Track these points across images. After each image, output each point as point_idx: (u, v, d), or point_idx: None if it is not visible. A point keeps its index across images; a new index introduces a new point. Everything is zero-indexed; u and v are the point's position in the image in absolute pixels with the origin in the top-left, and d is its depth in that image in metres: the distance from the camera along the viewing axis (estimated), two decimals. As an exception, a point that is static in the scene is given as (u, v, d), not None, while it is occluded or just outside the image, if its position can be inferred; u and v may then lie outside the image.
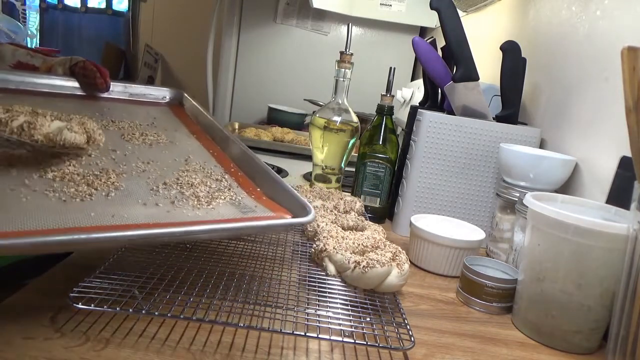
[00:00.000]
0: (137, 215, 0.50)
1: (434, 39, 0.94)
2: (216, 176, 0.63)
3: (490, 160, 0.82)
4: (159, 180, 0.58)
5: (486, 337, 0.54)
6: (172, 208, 0.53)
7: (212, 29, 1.95)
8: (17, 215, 0.45)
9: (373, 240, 0.61)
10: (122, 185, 0.55)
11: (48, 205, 0.48)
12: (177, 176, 0.60)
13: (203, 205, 0.54)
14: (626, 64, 0.41)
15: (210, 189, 0.58)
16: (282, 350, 0.45)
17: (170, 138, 0.72)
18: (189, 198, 0.55)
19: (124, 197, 0.53)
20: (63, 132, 0.52)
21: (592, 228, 0.50)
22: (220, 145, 0.73)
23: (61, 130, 0.52)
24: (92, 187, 0.53)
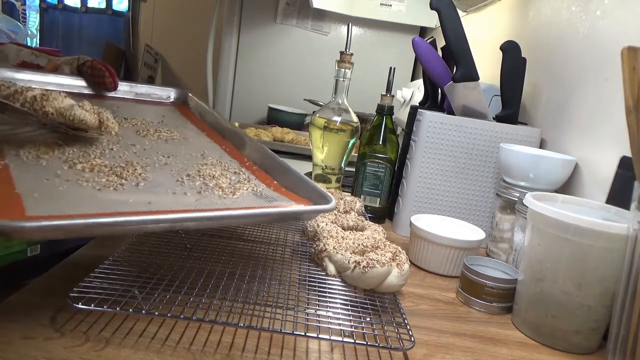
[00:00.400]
0: (170, 203, 0.51)
1: (434, 39, 0.94)
2: (234, 169, 0.64)
3: (490, 160, 0.82)
4: (182, 172, 0.60)
5: (486, 337, 0.54)
6: (200, 197, 0.54)
7: (212, 29, 1.95)
8: (60, 201, 0.46)
9: (373, 240, 0.61)
10: (149, 177, 0.57)
11: (85, 194, 0.49)
12: (198, 169, 0.62)
13: (228, 195, 0.56)
14: (626, 64, 0.41)
15: (231, 181, 0.60)
16: (282, 350, 0.45)
17: (183, 135, 0.73)
18: (213, 189, 0.57)
19: (153, 187, 0.55)
20: (74, 108, 0.53)
21: (592, 228, 0.50)
22: (232, 141, 0.75)
23: (72, 107, 0.53)
24: (121, 178, 0.54)
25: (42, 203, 0.45)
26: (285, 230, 0.75)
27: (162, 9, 3.16)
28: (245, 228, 0.74)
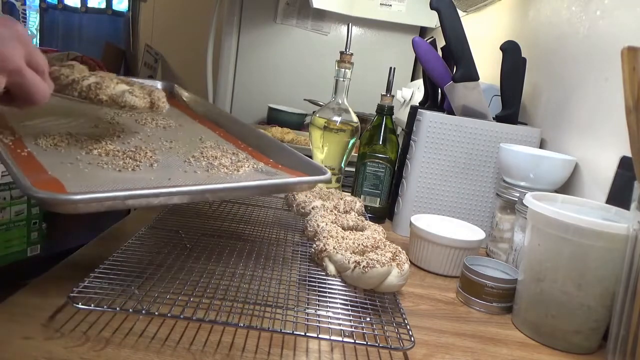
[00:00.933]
0: (186, 179, 0.57)
1: (434, 39, 0.94)
2: (232, 151, 0.68)
3: (490, 160, 0.82)
4: (187, 154, 0.64)
5: (486, 337, 0.54)
6: (209, 174, 0.59)
7: (212, 29, 1.95)
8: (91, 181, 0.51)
9: (373, 240, 0.61)
10: (160, 159, 0.61)
11: (109, 174, 0.54)
12: (200, 151, 0.66)
13: (233, 172, 0.60)
14: (626, 64, 0.41)
15: (232, 160, 0.64)
16: (282, 350, 0.45)
17: (178, 122, 0.78)
18: (218, 167, 0.61)
19: (166, 167, 0.59)
20: (125, 95, 0.56)
21: (592, 228, 0.50)
22: (225, 127, 0.79)
23: (124, 93, 0.56)
24: (135, 160, 0.58)
25: (77, 183, 0.49)
26: (285, 230, 0.75)
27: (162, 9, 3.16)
28: (245, 228, 0.74)
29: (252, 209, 0.84)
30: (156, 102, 0.59)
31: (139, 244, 0.61)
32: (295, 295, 0.54)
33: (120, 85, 0.57)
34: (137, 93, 0.57)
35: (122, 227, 0.71)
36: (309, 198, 0.82)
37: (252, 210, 0.83)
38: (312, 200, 0.80)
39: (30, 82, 0.45)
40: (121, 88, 0.57)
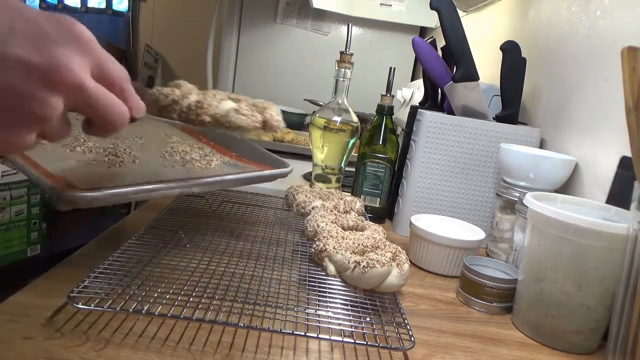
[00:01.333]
0: (169, 174, 0.58)
1: (434, 39, 0.94)
2: (197, 145, 0.69)
3: (490, 160, 0.82)
4: (160, 149, 0.65)
5: (486, 337, 0.54)
6: (186, 169, 0.60)
7: (212, 29, 1.95)
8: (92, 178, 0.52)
9: (373, 240, 0.61)
10: (138, 154, 0.61)
11: (102, 171, 0.55)
12: (171, 146, 0.67)
13: (206, 166, 0.62)
14: (626, 64, 0.41)
15: (201, 155, 0.66)
16: (282, 350, 0.45)
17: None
18: (191, 161, 0.62)
19: (147, 163, 0.60)
20: (229, 115, 0.49)
21: (592, 228, 0.50)
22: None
23: (228, 112, 0.50)
24: (117, 157, 0.59)
25: (83, 180, 0.50)
26: (285, 230, 0.75)
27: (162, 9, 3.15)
28: (245, 228, 0.74)
29: (252, 209, 0.85)
30: (269, 120, 0.51)
31: (139, 244, 0.61)
32: (295, 295, 0.54)
33: (224, 103, 0.50)
34: (245, 111, 0.50)
35: (122, 227, 0.71)
36: (309, 198, 0.82)
37: (252, 210, 0.83)
38: (312, 200, 0.80)
39: (99, 102, 0.32)
40: (225, 106, 0.50)
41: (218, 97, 0.50)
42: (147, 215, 0.75)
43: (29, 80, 0.29)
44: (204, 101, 0.49)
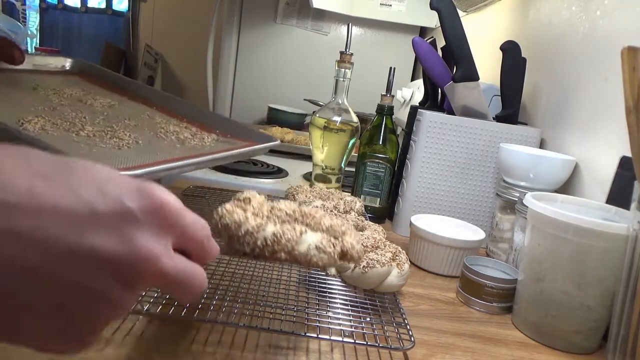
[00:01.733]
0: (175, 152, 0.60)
1: (434, 39, 0.94)
2: (183, 125, 0.71)
3: (490, 160, 0.82)
4: (153, 130, 0.67)
5: (486, 337, 0.54)
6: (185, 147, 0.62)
7: (212, 29, 1.95)
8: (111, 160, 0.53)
9: (373, 240, 0.61)
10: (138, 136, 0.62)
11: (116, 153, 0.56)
12: (161, 127, 0.68)
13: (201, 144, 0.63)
14: (626, 64, 0.41)
15: (191, 134, 0.67)
16: (282, 350, 0.45)
17: (114, 101, 0.79)
18: (184, 141, 0.64)
19: (149, 144, 0.61)
20: (309, 253, 0.40)
21: (592, 228, 0.50)
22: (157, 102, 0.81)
23: (309, 249, 0.41)
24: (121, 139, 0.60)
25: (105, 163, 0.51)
26: (285, 230, 0.75)
27: (162, 9, 3.16)
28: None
29: (252, 209, 0.84)
30: (349, 251, 0.43)
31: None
32: (295, 295, 0.54)
33: (305, 237, 0.41)
34: (325, 244, 0.41)
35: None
36: (308, 198, 0.82)
37: (252, 210, 0.83)
38: (312, 200, 0.80)
39: (179, 281, 0.27)
40: (306, 242, 0.41)
41: (297, 230, 0.41)
42: (147, 215, 0.75)
43: (103, 276, 0.23)
44: (282, 234, 0.41)
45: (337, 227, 0.45)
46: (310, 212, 0.47)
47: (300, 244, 0.40)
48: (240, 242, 0.40)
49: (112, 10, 3.32)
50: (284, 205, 0.48)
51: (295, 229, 0.41)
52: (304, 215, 0.47)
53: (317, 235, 0.41)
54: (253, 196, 0.47)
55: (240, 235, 0.40)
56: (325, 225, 0.45)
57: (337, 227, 0.45)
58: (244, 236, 0.40)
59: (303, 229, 0.41)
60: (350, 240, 0.43)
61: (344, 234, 0.44)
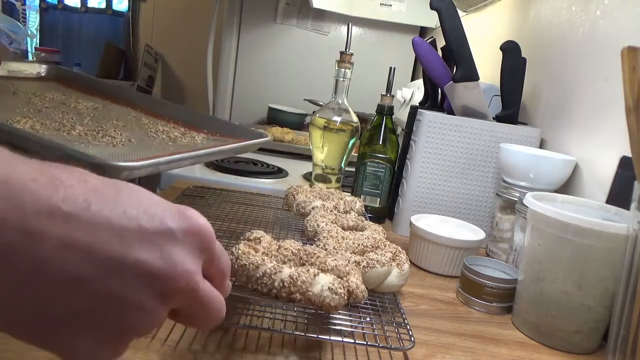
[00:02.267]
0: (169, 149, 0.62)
1: (434, 39, 0.94)
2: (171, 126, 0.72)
3: (490, 160, 0.82)
4: (143, 129, 0.68)
5: (486, 337, 0.54)
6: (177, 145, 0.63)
7: (212, 29, 1.95)
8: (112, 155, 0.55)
9: (373, 240, 0.61)
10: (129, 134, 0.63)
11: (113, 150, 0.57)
12: (149, 127, 0.69)
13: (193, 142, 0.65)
14: (626, 64, 0.41)
15: (181, 133, 0.69)
16: (282, 350, 0.45)
17: (98, 104, 0.80)
18: (175, 139, 0.65)
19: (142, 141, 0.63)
20: (322, 294, 0.42)
21: (592, 228, 0.50)
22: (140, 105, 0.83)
23: (322, 293, 0.42)
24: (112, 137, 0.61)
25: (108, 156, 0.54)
26: (285, 230, 0.75)
27: (162, 9, 3.15)
28: (245, 228, 0.74)
29: (252, 209, 0.84)
30: (354, 290, 0.45)
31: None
32: (295, 295, 0.54)
33: (319, 279, 0.43)
34: (337, 286, 0.43)
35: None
36: (309, 198, 0.82)
37: (252, 210, 0.83)
38: (312, 200, 0.80)
39: (206, 304, 0.28)
40: (320, 283, 0.43)
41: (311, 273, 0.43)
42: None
43: (143, 287, 0.24)
44: (298, 276, 0.43)
45: (341, 267, 0.48)
46: (314, 252, 0.51)
47: (314, 286, 0.43)
48: (258, 283, 0.43)
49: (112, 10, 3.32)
50: (290, 245, 0.52)
51: (309, 271, 0.43)
52: (308, 254, 0.51)
53: (329, 277, 0.44)
54: (262, 236, 0.51)
55: (258, 276, 0.43)
56: (331, 266, 0.48)
57: (342, 268, 0.48)
58: (262, 277, 0.43)
59: (316, 271, 0.43)
60: (355, 280, 0.46)
61: (348, 274, 0.47)
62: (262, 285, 0.43)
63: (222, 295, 0.30)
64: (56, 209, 0.21)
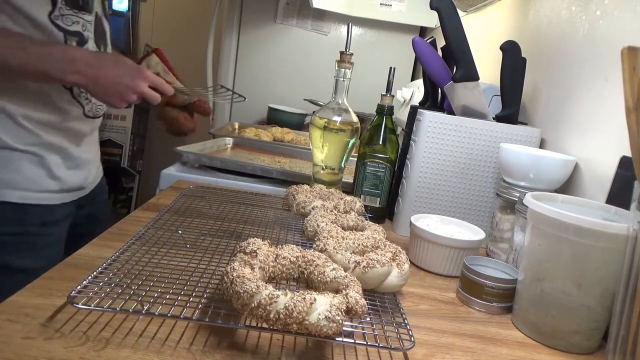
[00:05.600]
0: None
1: (434, 39, 0.94)
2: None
3: (490, 160, 0.82)
4: None
5: (486, 337, 0.54)
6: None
7: (212, 29, 1.95)
8: None
9: (373, 240, 0.61)
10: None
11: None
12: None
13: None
14: (626, 64, 0.41)
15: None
16: (282, 350, 0.45)
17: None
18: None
19: None
20: (320, 324, 0.41)
21: (592, 228, 0.50)
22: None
23: (319, 322, 0.41)
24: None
25: None
26: (285, 231, 0.75)
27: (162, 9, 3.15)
28: (245, 228, 0.74)
29: (252, 209, 0.85)
30: (353, 307, 0.44)
31: (139, 244, 0.61)
32: (295, 295, 0.54)
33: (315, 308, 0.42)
34: (334, 313, 0.42)
35: (122, 227, 0.71)
36: (309, 198, 0.82)
37: (251, 210, 0.83)
38: (312, 200, 0.80)
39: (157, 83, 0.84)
40: (316, 312, 0.42)
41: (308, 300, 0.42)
42: (147, 215, 0.75)
43: (134, 76, 0.80)
44: (293, 307, 0.41)
45: (340, 279, 0.47)
46: (313, 259, 0.51)
47: (310, 314, 0.41)
48: (252, 314, 0.42)
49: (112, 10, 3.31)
50: (288, 253, 0.52)
51: (305, 299, 0.42)
52: (307, 262, 0.51)
53: (326, 300, 0.43)
54: (259, 247, 0.50)
55: (253, 306, 0.42)
56: (330, 277, 0.48)
57: (341, 280, 0.47)
58: (257, 308, 0.42)
59: (312, 298, 0.42)
60: (354, 294, 0.45)
61: (347, 287, 0.46)
62: (257, 317, 0.42)
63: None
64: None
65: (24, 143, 0.80)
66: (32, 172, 0.81)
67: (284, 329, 0.42)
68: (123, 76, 0.78)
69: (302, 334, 0.42)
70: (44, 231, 0.84)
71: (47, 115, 0.82)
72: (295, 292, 0.43)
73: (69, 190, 0.89)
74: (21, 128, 0.79)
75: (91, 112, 0.90)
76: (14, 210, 0.79)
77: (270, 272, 0.51)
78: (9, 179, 0.79)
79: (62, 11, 0.79)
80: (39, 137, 0.82)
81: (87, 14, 0.84)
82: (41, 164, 0.83)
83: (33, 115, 0.80)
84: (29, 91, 0.79)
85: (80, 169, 0.91)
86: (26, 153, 0.81)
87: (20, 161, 0.80)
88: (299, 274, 0.53)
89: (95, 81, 0.76)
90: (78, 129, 0.89)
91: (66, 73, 0.74)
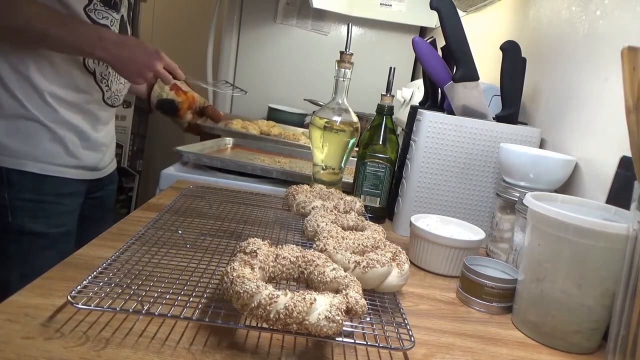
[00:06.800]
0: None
1: (434, 39, 0.94)
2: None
3: (490, 160, 0.82)
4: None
5: (486, 337, 0.54)
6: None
7: (212, 29, 1.95)
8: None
9: (373, 240, 0.61)
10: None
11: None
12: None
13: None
14: (626, 64, 0.41)
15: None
16: (282, 350, 0.45)
17: None
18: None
19: None
20: (320, 324, 0.41)
21: (592, 228, 0.50)
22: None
23: (319, 322, 0.41)
24: None
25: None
26: (285, 231, 0.75)
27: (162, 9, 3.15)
28: (245, 228, 0.74)
29: (252, 209, 0.85)
30: (353, 307, 0.44)
31: (139, 244, 0.61)
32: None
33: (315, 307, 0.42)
34: (334, 313, 0.42)
35: (122, 227, 0.71)
36: (309, 198, 0.82)
37: (252, 210, 0.83)
38: (312, 200, 0.80)
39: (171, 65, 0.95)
40: (316, 312, 0.42)
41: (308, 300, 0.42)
42: (147, 215, 0.75)
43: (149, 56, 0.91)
44: (294, 306, 0.41)
45: (340, 279, 0.47)
46: (313, 259, 0.51)
47: (310, 314, 0.41)
48: (252, 314, 0.42)
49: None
50: (288, 253, 0.52)
51: (305, 299, 0.42)
52: (307, 262, 0.51)
53: (326, 300, 0.43)
54: (259, 247, 0.50)
55: (253, 306, 0.42)
56: (329, 277, 0.48)
57: (341, 280, 0.47)
58: (257, 308, 0.42)
59: (312, 298, 0.42)
60: (354, 294, 0.45)
61: (347, 287, 0.46)
62: (257, 317, 0.42)
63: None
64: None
65: (48, 119, 0.89)
66: (52, 147, 0.91)
67: (284, 329, 0.42)
68: (142, 56, 0.90)
69: (302, 334, 0.43)
70: (58, 200, 0.94)
71: (71, 94, 0.92)
72: (295, 292, 0.43)
73: (84, 168, 0.98)
74: (46, 105, 0.89)
75: (110, 99, 1.00)
76: (33, 180, 0.89)
77: (270, 272, 0.51)
78: (31, 152, 0.89)
79: (96, 6, 0.92)
80: (61, 115, 0.91)
81: (116, 12, 0.97)
82: (59, 142, 0.92)
83: (59, 93, 0.90)
84: (58, 71, 0.89)
85: (96, 150, 1.00)
86: (48, 130, 0.90)
87: (42, 136, 0.90)
88: (299, 274, 0.53)
89: (118, 58, 0.88)
90: (97, 113, 0.98)
91: (95, 48, 0.86)
